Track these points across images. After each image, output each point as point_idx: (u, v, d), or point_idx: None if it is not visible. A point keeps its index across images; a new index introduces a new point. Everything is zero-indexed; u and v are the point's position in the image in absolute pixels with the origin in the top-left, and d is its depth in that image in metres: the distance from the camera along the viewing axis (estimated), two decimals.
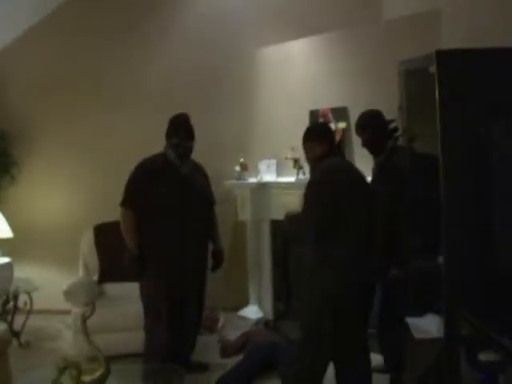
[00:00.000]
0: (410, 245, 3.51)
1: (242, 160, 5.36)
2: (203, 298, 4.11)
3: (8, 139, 5.70)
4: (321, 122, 4.76)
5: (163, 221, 3.76)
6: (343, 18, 5.08)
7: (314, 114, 5.00)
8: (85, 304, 4.12)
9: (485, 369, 2.21)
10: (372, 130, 3.68)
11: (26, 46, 5.82)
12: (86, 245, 5.05)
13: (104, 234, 5.02)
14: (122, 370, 3.28)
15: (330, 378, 3.15)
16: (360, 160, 4.28)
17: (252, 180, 5.37)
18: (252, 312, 5.34)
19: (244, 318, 5.26)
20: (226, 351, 4.47)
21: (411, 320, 3.34)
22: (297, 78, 5.22)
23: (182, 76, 5.62)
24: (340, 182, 3.02)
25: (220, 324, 5.11)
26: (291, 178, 5.11)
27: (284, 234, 5.00)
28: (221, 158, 5.37)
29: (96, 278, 4.91)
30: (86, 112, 5.78)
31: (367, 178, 3.37)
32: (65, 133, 5.85)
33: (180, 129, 3.89)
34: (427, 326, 3.17)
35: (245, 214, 5.38)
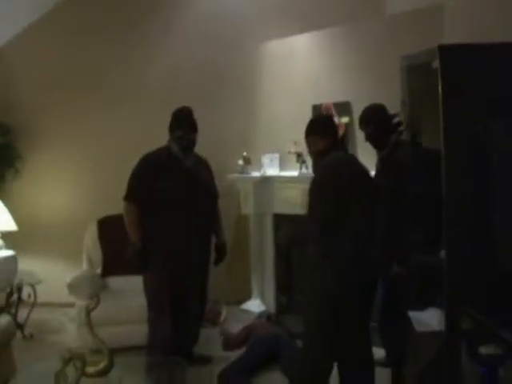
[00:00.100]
0: (411, 240, 3.52)
1: (245, 154, 5.36)
2: (206, 291, 4.12)
3: (12, 133, 5.72)
4: (324, 114, 4.71)
5: (167, 214, 3.77)
6: (346, 13, 5.07)
7: (317, 109, 4.99)
8: (88, 297, 4.15)
9: (485, 362, 2.23)
10: (375, 124, 3.67)
11: (30, 40, 5.83)
12: (90, 238, 5.07)
13: (107, 228, 5.04)
14: (126, 363, 3.29)
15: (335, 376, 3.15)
16: (363, 154, 4.27)
17: (255, 174, 5.37)
18: (254, 305, 5.35)
19: (246, 312, 5.26)
20: (229, 344, 4.49)
21: (413, 314, 3.35)
22: (300, 73, 5.21)
23: (185, 72, 5.62)
24: (343, 177, 2.99)
25: (222, 317, 5.12)
26: (294, 172, 5.12)
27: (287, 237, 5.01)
28: (224, 151, 5.37)
29: (99, 271, 4.93)
30: (89, 107, 5.79)
31: (371, 172, 3.35)
32: (69, 127, 5.87)
33: (183, 122, 3.90)
34: (428, 320, 3.18)
35: (248, 208, 5.39)
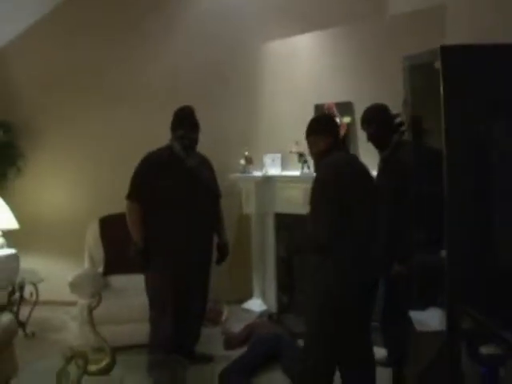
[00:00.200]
0: (412, 240, 3.52)
1: (246, 153, 5.35)
2: (207, 290, 4.14)
3: (14, 131, 5.73)
4: (325, 114, 4.65)
5: (169, 213, 3.78)
6: (348, 13, 5.06)
7: (319, 109, 4.99)
8: (90, 295, 4.15)
9: (486, 362, 2.23)
10: (377, 124, 3.67)
11: (32, 40, 5.84)
12: (92, 237, 5.08)
13: (109, 226, 5.05)
14: (127, 361, 3.29)
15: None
16: (365, 154, 4.28)
17: (257, 173, 5.37)
18: (256, 305, 5.35)
19: (248, 311, 5.26)
20: (230, 343, 4.50)
21: (413, 313, 3.36)
22: (302, 73, 5.21)
23: (187, 72, 5.61)
24: (345, 176, 2.97)
25: (224, 317, 5.13)
26: (296, 172, 5.12)
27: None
28: (226, 151, 5.36)
29: (101, 269, 4.94)
30: (90, 106, 5.80)
31: (372, 173, 3.35)
32: (70, 126, 5.88)
33: (185, 121, 3.91)
34: (429, 320, 3.18)
35: (249, 208, 5.39)
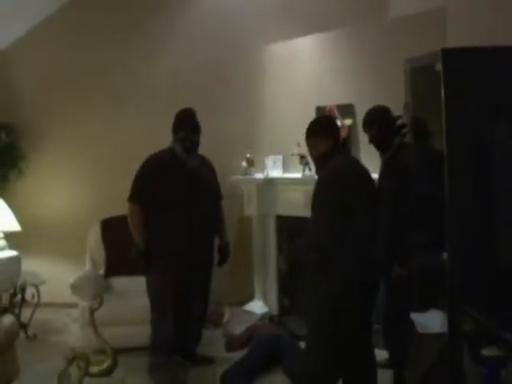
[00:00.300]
0: (413, 242, 3.52)
1: (248, 156, 5.37)
2: (209, 292, 4.14)
3: (16, 133, 5.74)
4: (324, 115, 4.58)
5: (170, 215, 3.78)
6: (350, 15, 5.08)
7: (321, 111, 5.00)
8: (91, 297, 4.15)
9: (487, 364, 2.23)
10: (379, 126, 3.67)
11: (34, 42, 5.85)
12: (93, 239, 5.08)
13: (111, 228, 5.05)
14: (129, 363, 3.30)
15: None
16: (366, 157, 4.29)
17: (258, 175, 5.38)
18: (257, 307, 5.35)
19: (249, 313, 5.27)
20: (231, 345, 4.50)
21: (415, 315, 3.36)
22: (303, 75, 5.22)
23: (188, 73, 5.63)
24: (347, 179, 2.95)
25: (225, 318, 5.12)
26: (297, 174, 5.12)
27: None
28: (227, 153, 5.37)
29: (102, 271, 4.95)
30: (92, 108, 5.81)
31: (373, 175, 3.35)
32: (72, 127, 5.88)
33: (186, 123, 3.92)
34: (430, 322, 3.19)
35: (251, 209, 5.39)
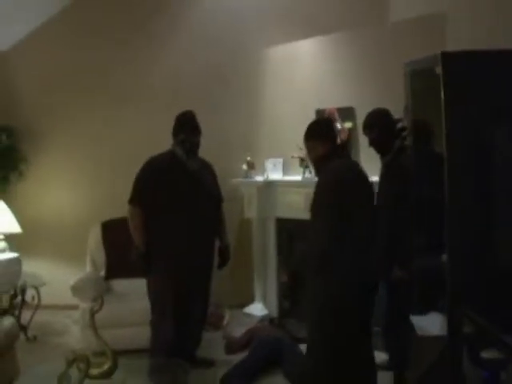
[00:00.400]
0: (413, 245, 3.52)
1: (248, 158, 5.37)
2: (209, 294, 4.14)
3: (17, 135, 5.75)
4: (323, 118, 4.61)
5: (171, 218, 3.79)
6: (350, 19, 5.09)
7: (321, 114, 5.00)
8: (92, 299, 4.16)
9: (487, 366, 2.24)
10: (379, 129, 3.66)
11: (35, 44, 5.86)
12: (94, 241, 5.09)
13: (111, 231, 5.06)
14: (129, 365, 3.31)
15: None
16: (366, 160, 4.29)
17: (258, 178, 5.39)
18: (257, 309, 5.35)
19: (249, 315, 5.26)
20: (231, 348, 4.50)
21: (415, 318, 3.36)
22: (304, 78, 5.22)
23: (189, 75, 5.64)
24: (346, 182, 2.98)
25: (225, 321, 5.12)
26: (297, 177, 5.13)
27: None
28: (228, 156, 5.38)
29: (103, 273, 4.95)
30: (93, 109, 5.83)
31: (373, 178, 3.35)
32: (73, 129, 5.90)
33: (186, 125, 3.93)
34: (430, 324, 3.18)
35: (251, 212, 5.40)
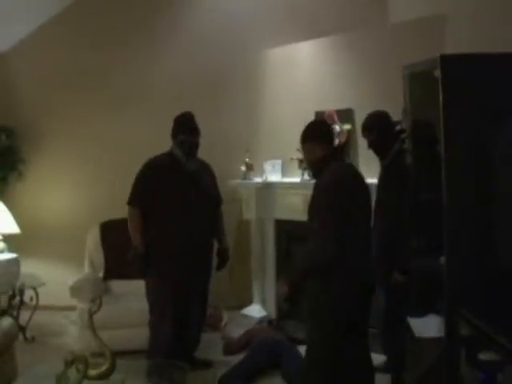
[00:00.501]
0: (412, 248, 3.52)
1: (247, 160, 5.37)
2: (207, 295, 4.14)
3: (16, 136, 5.75)
4: (319, 119, 4.54)
5: (170, 219, 3.80)
6: (350, 20, 5.10)
7: (320, 115, 4.99)
8: (90, 300, 4.14)
9: (484, 368, 2.24)
10: (378, 131, 3.66)
11: (35, 45, 5.87)
12: (92, 242, 5.08)
13: (110, 232, 5.06)
14: (127, 366, 3.31)
15: None
16: (365, 162, 4.30)
17: (257, 180, 5.38)
18: (255, 311, 5.34)
19: (247, 317, 5.24)
20: (230, 349, 4.50)
21: (412, 320, 3.36)
22: (303, 80, 5.23)
23: (189, 76, 5.64)
24: (346, 184, 2.96)
25: (223, 322, 5.12)
26: (296, 179, 5.12)
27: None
28: (226, 157, 5.37)
29: (101, 274, 4.94)
30: (93, 110, 5.83)
31: (372, 180, 3.34)
32: (72, 130, 5.90)
33: (185, 126, 3.94)
34: (428, 327, 3.19)
35: (249, 213, 5.39)
